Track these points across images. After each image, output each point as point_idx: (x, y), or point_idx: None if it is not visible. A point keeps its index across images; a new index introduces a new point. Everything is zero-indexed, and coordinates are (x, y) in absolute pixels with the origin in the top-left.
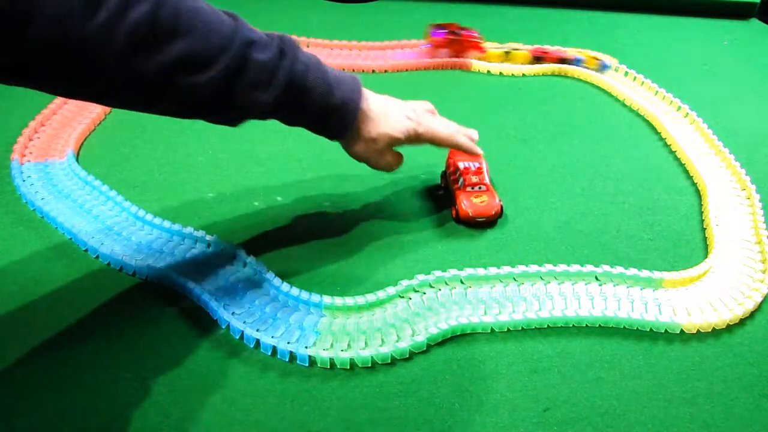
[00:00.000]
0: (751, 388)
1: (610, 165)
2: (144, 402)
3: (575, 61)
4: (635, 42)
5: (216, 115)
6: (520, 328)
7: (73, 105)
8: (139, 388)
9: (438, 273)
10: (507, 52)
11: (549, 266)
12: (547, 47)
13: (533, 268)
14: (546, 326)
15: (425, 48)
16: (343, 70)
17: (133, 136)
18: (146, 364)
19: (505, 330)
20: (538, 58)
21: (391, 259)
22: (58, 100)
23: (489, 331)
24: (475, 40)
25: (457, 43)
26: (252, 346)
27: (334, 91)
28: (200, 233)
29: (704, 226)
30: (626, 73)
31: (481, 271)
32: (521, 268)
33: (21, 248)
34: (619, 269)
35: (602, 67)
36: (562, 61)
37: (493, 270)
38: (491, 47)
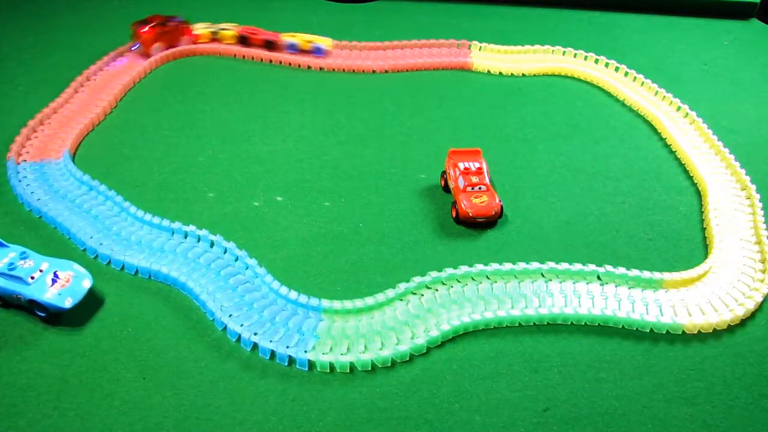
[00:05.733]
0: (751, 388)
1: (610, 165)
2: (144, 402)
3: (289, 46)
4: (635, 42)
5: None
6: (517, 324)
7: (73, 105)
8: (140, 388)
9: (434, 274)
10: (215, 32)
11: (551, 264)
12: (257, 29)
13: (534, 265)
14: (546, 323)
15: (136, 49)
16: (343, 70)
17: (133, 137)
18: (146, 364)
19: (505, 326)
20: (243, 39)
21: (391, 259)
22: (60, 99)
23: (491, 327)
24: (183, 26)
25: (166, 33)
26: (249, 349)
27: None
28: (202, 232)
29: (704, 226)
30: (626, 73)
31: (480, 267)
32: (522, 265)
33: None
34: (620, 270)
35: (316, 50)
36: (270, 44)
37: (493, 266)
38: (199, 29)
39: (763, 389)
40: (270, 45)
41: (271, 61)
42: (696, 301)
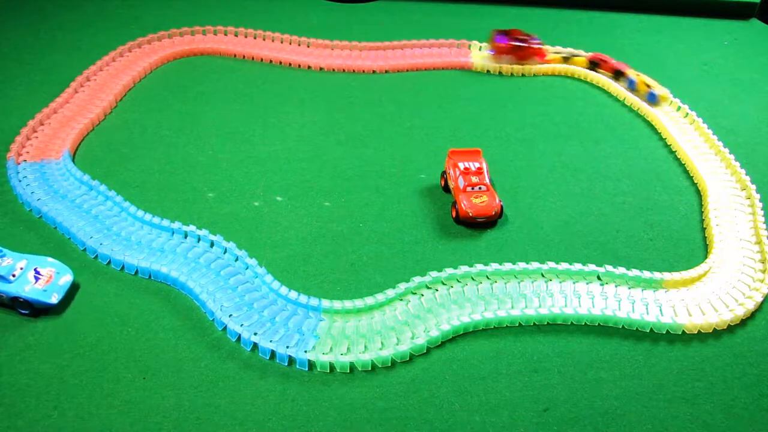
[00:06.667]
0: (751, 388)
1: (610, 165)
2: (144, 402)
3: (629, 81)
4: (635, 42)
5: None
6: (517, 324)
7: (73, 105)
8: (139, 388)
9: (434, 274)
10: (566, 58)
11: (551, 264)
12: (606, 57)
13: (534, 265)
14: (546, 323)
15: (490, 54)
16: (343, 70)
17: (133, 136)
18: (146, 364)
19: (505, 326)
20: (594, 64)
21: (391, 259)
22: (59, 99)
23: (491, 327)
24: (538, 46)
25: (520, 49)
26: (249, 349)
27: None
28: (202, 232)
29: (704, 226)
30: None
31: (480, 267)
32: (522, 265)
33: (20, 248)
34: (620, 270)
35: (650, 97)
36: (618, 73)
37: (493, 266)
38: (552, 52)
39: (763, 389)
40: (618, 74)
41: (271, 61)
42: (696, 301)
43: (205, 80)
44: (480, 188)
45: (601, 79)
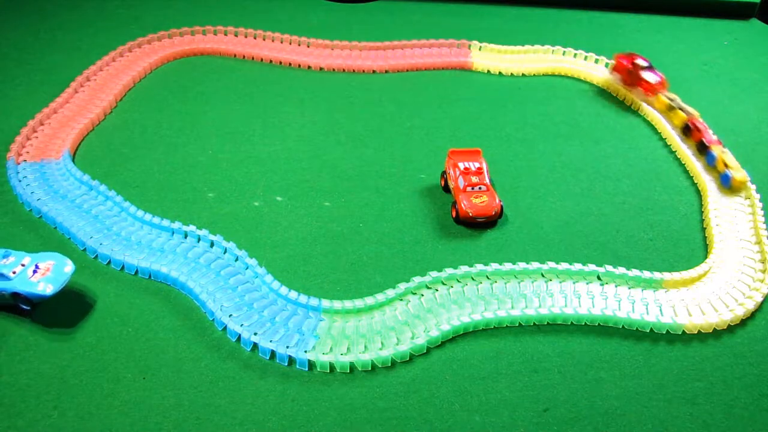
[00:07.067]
0: (751, 388)
1: (610, 165)
2: (144, 402)
3: (709, 156)
4: (635, 42)
5: None
6: (517, 324)
7: (73, 105)
8: (139, 388)
9: (434, 274)
10: (671, 107)
11: (551, 264)
12: (704, 125)
13: (534, 265)
14: (546, 323)
15: (610, 67)
16: (344, 70)
17: (133, 137)
18: (146, 364)
19: (505, 326)
20: (686, 129)
21: (391, 259)
22: (59, 99)
23: (491, 327)
24: (654, 81)
25: (631, 76)
26: (249, 349)
27: None
28: (202, 232)
29: (704, 226)
30: None
31: (480, 267)
32: (522, 265)
33: (20, 248)
34: (620, 270)
35: (723, 178)
36: (701, 146)
37: (493, 266)
38: (663, 94)
39: (763, 389)
40: (701, 147)
41: (271, 61)
42: (696, 301)
43: (205, 80)
44: (480, 188)
45: (602, 79)
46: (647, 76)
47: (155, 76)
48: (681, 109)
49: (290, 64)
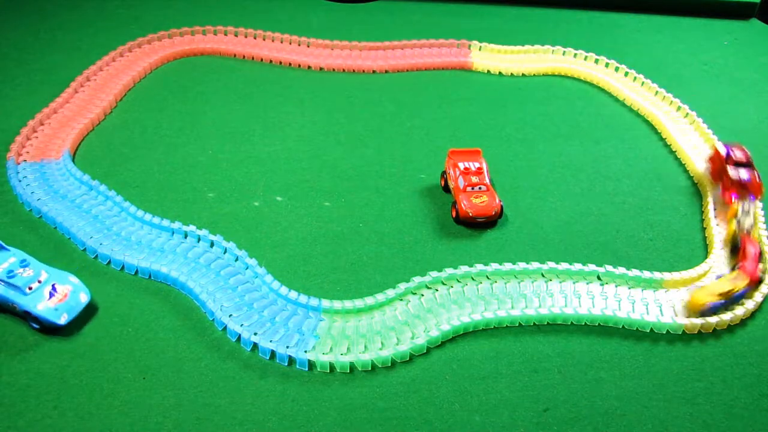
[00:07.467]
0: (751, 388)
1: (610, 165)
2: (144, 402)
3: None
4: (635, 42)
5: None
6: (517, 324)
7: (73, 105)
8: (139, 388)
9: (434, 274)
10: (738, 228)
11: (551, 264)
12: (751, 252)
13: (534, 265)
14: (546, 323)
15: (707, 156)
16: (344, 70)
17: (133, 136)
18: (146, 364)
19: (505, 326)
20: (734, 248)
21: (391, 259)
22: (59, 99)
23: (491, 327)
24: (736, 183)
25: (720, 171)
26: (249, 349)
27: None
28: (202, 232)
29: (704, 226)
30: (626, 73)
31: (480, 267)
32: (522, 265)
33: (20, 248)
34: (620, 270)
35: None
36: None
37: (493, 266)
38: (735, 203)
39: (763, 389)
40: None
41: (271, 61)
42: None
43: (205, 80)
44: (480, 188)
45: (602, 79)
46: (735, 173)
47: (155, 76)
48: (750, 225)
49: (290, 64)
